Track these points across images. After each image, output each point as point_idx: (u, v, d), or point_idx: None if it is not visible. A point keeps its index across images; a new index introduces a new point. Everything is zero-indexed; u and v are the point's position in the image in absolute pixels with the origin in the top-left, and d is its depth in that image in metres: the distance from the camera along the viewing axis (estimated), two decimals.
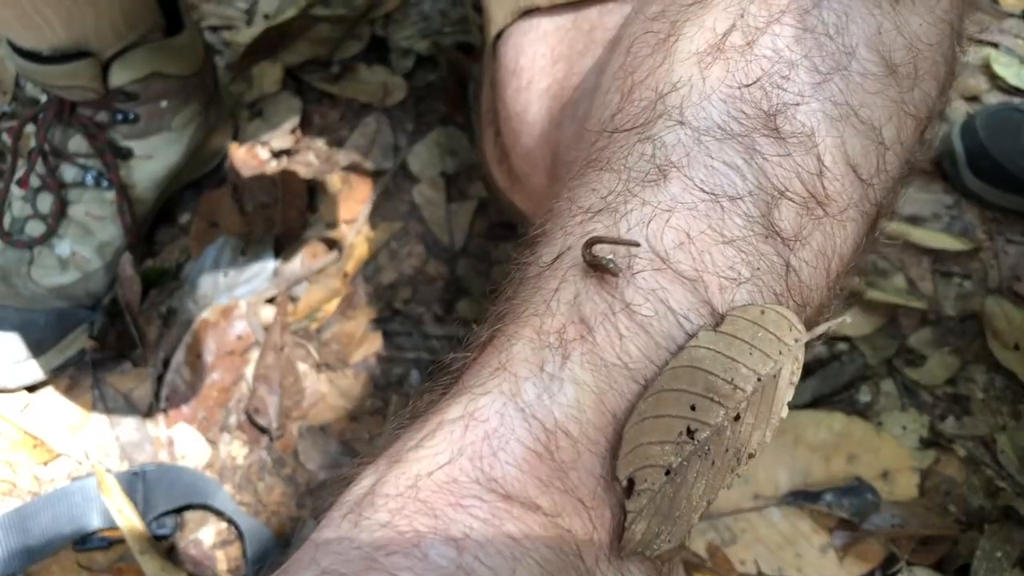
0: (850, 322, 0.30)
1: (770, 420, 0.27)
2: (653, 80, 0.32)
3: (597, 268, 0.28)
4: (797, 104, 0.29)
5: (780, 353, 0.27)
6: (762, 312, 0.27)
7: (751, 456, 0.27)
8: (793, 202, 0.28)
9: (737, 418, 0.27)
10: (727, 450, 0.27)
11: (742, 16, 0.31)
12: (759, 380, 0.27)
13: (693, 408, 0.26)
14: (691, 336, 0.27)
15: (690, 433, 0.26)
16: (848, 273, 0.31)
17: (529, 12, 0.49)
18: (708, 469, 0.26)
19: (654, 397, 0.26)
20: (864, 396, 0.81)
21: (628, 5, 0.42)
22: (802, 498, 0.74)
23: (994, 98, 1.01)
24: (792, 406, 0.78)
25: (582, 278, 0.28)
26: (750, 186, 0.28)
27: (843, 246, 0.29)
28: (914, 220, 0.92)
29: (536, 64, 0.48)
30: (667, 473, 0.26)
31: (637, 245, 0.27)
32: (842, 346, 0.83)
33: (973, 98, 1.01)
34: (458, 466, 0.25)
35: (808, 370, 0.82)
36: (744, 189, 0.28)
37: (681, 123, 0.30)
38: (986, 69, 1.03)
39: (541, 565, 0.23)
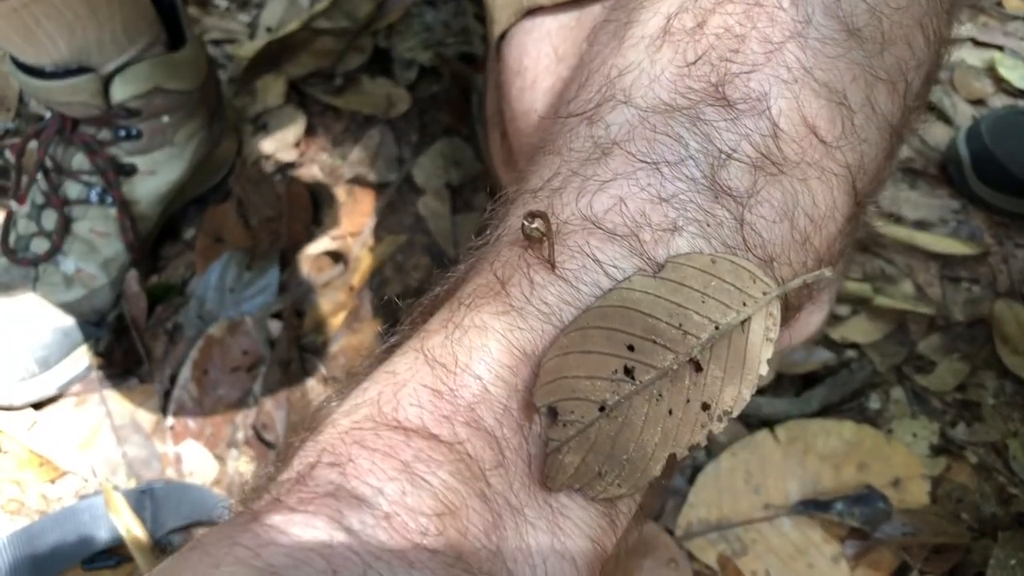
0: (830, 276, 0.29)
1: (744, 376, 0.27)
2: (606, 67, 0.32)
3: (528, 239, 0.28)
4: (748, 73, 0.29)
5: (744, 304, 0.27)
6: (712, 261, 0.27)
7: (727, 413, 0.27)
8: (742, 162, 0.28)
9: (699, 369, 0.26)
10: (689, 401, 0.26)
11: (695, 0, 0.31)
12: (717, 329, 0.27)
13: (631, 348, 0.26)
14: (621, 281, 0.27)
15: (628, 372, 0.26)
16: (836, 239, 0.31)
17: (532, 12, 0.49)
18: (663, 417, 0.26)
19: (579, 332, 0.26)
20: (874, 404, 0.81)
21: None
22: (813, 507, 0.74)
23: (999, 101, 1.00)
24: (801, 414, 0.77)
25: (510, 247, 0.29)
26: (691, 151, 0.28)
27: (811, 206, 0.29)
28: (921, 225, 0.91)
29: (540, 63, 0.48)
30: (601, 409, 0.26)
31: (543, 216, 0.28)
32: (851, 353, 0.83)
33: (978, 101, 1.01)
34: (362, 413, 0.24)
35: (817, 378, 0.81)
36: (685, 154, 0.28)
37: (626, 103, 0.30)
38: (991, 72, 1.02)
39: (436, 487, 0.22)
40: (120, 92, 0.77)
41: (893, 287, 0.87)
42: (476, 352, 0.25)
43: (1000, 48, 1.04)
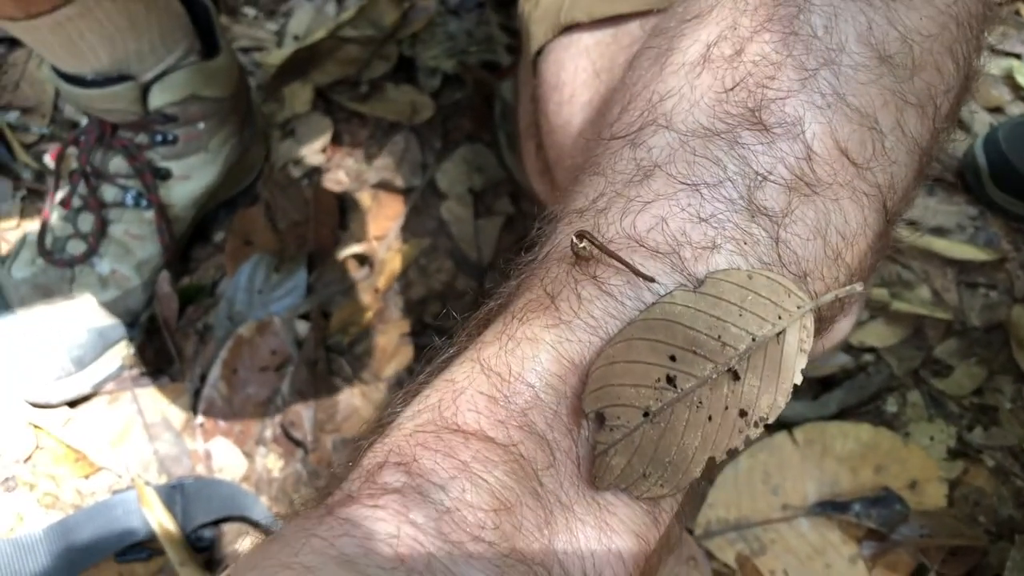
0: (860, 291, 0.31)
1: (780, 385, 0.28)
2: (647, 91, 0.34)
3: (576, 257, 0.30)
4: (784, 99, 0.31)
5: (780, 318, 0.29)
6: (749, 277, 0.29)
7: (763, 420, 0.28)
8: (777, 183, 0.30)
9: (737, 378, 0.28)
10: (727, 408, 0.28)
11: (733, 28, 0.33)
12: (754, 340, 0.28)
13: (673, 359, 0.28)
14: (663, 296, 0.28)
15: (670, 381, 0.28)
16: (867, 255, 0.32)
17: (570, 28, 0.51)
18: (703, 423, 0.28)
19: (624, 344, 0.28)
20: (891, 407, 0.82)
21: None
22: (830, 508, 0.75)
23: (1017, 108, 1.01)
24: (819, 416, 0.78)
25: (558, 264, 0.30)
26: (729, 173, 0.30)
27: (843, 224, 0.30)
28: (938, 232, 0.92)
29: (578, 78, 0.50)
30: (645, 415, 0.27)
31: (589, 236, 0.29)
32: (868, 357, 0.84)
33: (996, 109, 1.01)
34: (424, 417, 0.26)
35: (835, 381, 0.83)
36: (723, 176, 0.30)
37: (667, 128, 0.31)
38: (1009, 80, 1.03)
39: (492, 485, 0.24)
40: (158, 99, 0.79)
41: (910, 292, 0.88)
42: (528, 362, 0.27)
43: (1018, 56, 1.05)
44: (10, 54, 1.08)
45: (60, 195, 0.84)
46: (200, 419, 0.82)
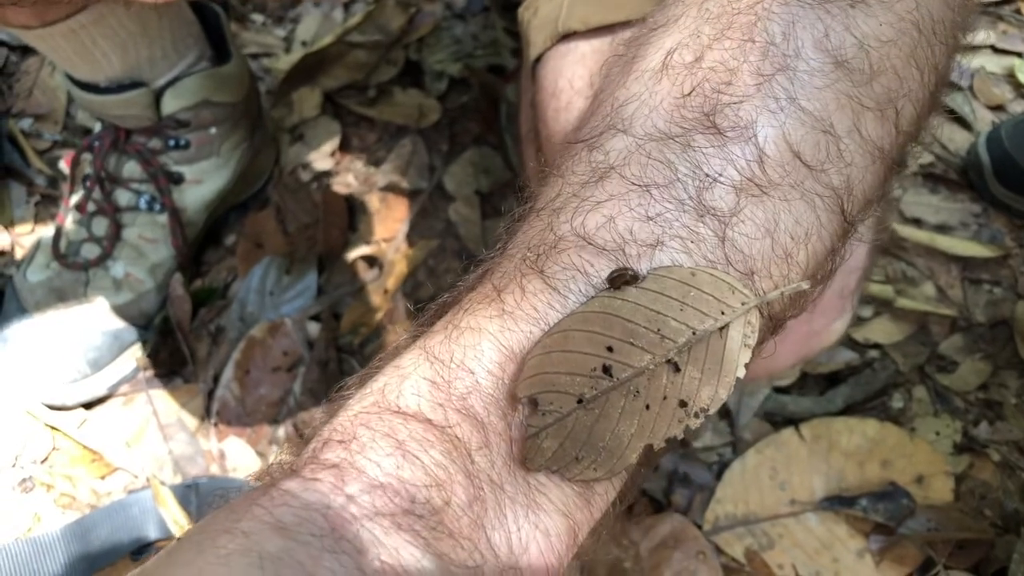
0: (807, 288, 0.32)
1: (722, 377, 0.29)
2: (611, 98, 0.35)
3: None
4: (738, 103, 0.31)
5: (723, 313, 0.29)
6: (692, 274, 0.29)
7: (704, 411, 0.29)
8: (727, 185, 0.31)
9: (678, 369, 0.29)
10: (666, 398, 0.29)
11: (695, 36, 0.34)
12: (694, 334, 0.29)
13: (610, 349, 0.29)
14: (603, 290, 0.29)
15: (606, 370, 0.28)
16: (824, 256, 0.33)
17: (567, 36, 0.52)
18: (640, 411, 0.29)
19: (561, 335, 0.29)
20: (897, 403, 0.82)
21: None
22: (838, 503, 0.76)
23: (1019, 106, 1.02)
24: (825, 412, 0.79)
25: (509, 259, 0.32)
26: (680, 175, 0.31)
27: (794, 224, 0.31)
28: (942, 229, 0.93)
29: (575, 86, 0.51)
30: (579, 402, 0.28)
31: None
32: (874, 354, 0.85)
33: (998, 107, 1.02)
34: (369, 400, 0.28)
35: (841, 378, 0.83)
36: (673, 178, 0.31)
37: (625, 132, 0.33)
38: (1011, 78, 1.04)
39: (426, 463, 0.26)
40: (171, 104, 0.81)
41: (915, 289, 0.89)
42: (470, 350, 0.29)
43: (1019, 55, 1.06)
44: (23, 62, 1.10)
45: (74, 200, 0.86)
46: (214, 419, 0.83)
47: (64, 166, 0.90)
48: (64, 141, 1.03)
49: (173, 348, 0.87)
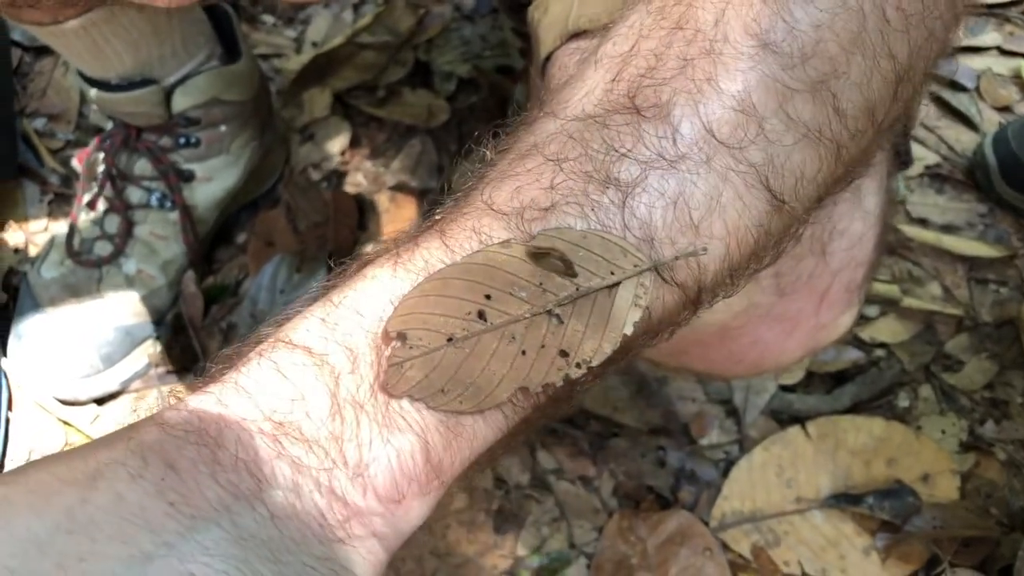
0: (703, 252, 0.33)
1: (607, 333, 0.31)
2: (561, 90, 0.36)
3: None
4: (659, 86, 0.33)
5: (612, 273, 0.31)
6: (584, 236, 0.31)
7: (587, 362, 0.30)
8: (634, 159, 0.32)
9: (561, 322, 0.30)
10: (544, 346, 0.30)
11: (633, 27, 0.35)
12: (578, 289, 0.31)
13: (488, 297, 0.30)
14: (489, 245, 0.31)
15: (481, 316, 0.30)
16: (748, 230, 0.34)
17: (577, 35, 0.52)
18: (514, 355, 0.30)
19: (440, 280, 0.30)
20: (903, 401, 0.83)
21: None
22: (844, 501, 0.76)
23: None
24: (832, 411, 0.79)
25: (418, 227, 0.34)
26: (591, 150, 0.32)
27: (702, 195, 0.32)
28: (948, 229, 0.93)
29: None
30: (449, 340, 0.30)
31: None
32: (880, 352, 0.85)
33: (1005, 108, 1.03)
34: (271, 335, 0.31)
35: (847, 376, 0.84)
36: (583, 153, 0.32)
37: (555, 116, 0.34)
38: (1017, 79, 1.04)
39: (294, 381, 0.29)
40: (181, 102, 0.82)
41: (921, 289, 0.89)
42: (359, 295, 0.31)
43: None
44: (37, 62, 1.11)
45: (87, 197, 0.86)
46: None
47: (76, 164, 0.91)
48: (77, 140, 1.04)
49: (185, 345, 0.88)
